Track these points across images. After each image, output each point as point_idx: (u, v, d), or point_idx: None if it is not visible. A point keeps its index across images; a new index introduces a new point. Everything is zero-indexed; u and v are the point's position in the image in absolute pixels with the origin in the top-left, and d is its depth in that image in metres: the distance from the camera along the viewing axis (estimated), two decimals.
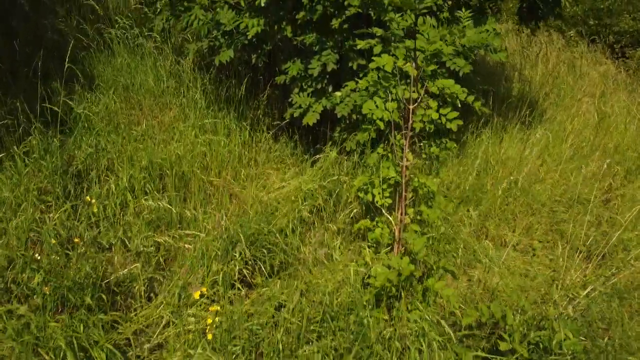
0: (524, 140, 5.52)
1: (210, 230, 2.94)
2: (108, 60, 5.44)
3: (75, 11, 6.13)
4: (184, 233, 2.84)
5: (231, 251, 2.74)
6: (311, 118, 3.99)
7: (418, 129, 2.50)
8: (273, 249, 2.98)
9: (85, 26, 5.82)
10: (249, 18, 3.89)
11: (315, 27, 3.85)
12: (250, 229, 2.92)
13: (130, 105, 4.90)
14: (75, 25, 6.07)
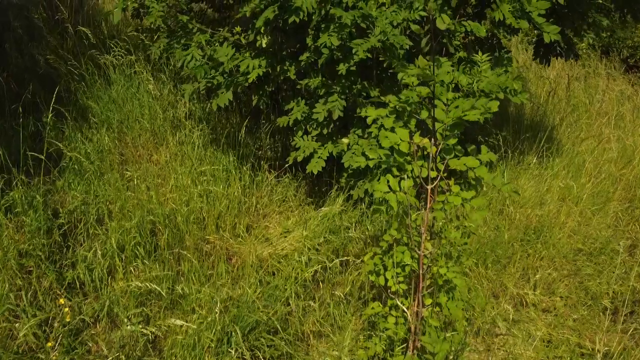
0: (541, 177, 5.22)
1: (203, 315, 2.66)
2: (103, 89, 5.17)
3: (70, 37, 5.87)
4: (172, 323, 2.55)
5: (226, 344, 2.47)
6: (316, 166, 3.71)
7: (440, 219, 2.21)
8: (272, 339, 2.69)
9: (79, 54, 5.57)
10: (250, 58, 3.61)
11: (321, 69, 3.57)
12: (247, 320, 2.64)
13: (124, 142, 4.63)
14: (70, 48, 5.82)
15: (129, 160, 4.46)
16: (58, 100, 5.11)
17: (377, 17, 3.05)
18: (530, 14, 3.15)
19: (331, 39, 3.08)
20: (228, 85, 3.67)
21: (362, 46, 2.98)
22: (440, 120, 2.18)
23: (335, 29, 3.10)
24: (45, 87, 5.35)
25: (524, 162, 5.65)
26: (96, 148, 4.35)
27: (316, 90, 3.58)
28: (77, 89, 5.05)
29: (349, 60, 3.22)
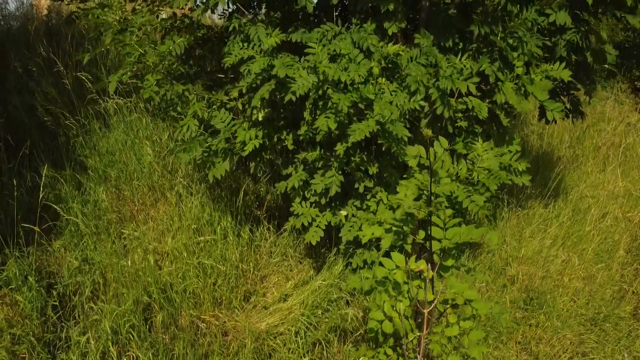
0: (545, 225, 5.14)
1: None
2: (101, 138, 5.13)
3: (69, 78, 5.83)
4: None
5: None
6: (314, 237, 3.65)
7: (436, 352, 2.14)
8: None
9: (78, 98, 5.53)
10: (246, 129, 3.55)
11: (319, 142, 3.51)
12: None
13: (122, 197, 4.59)
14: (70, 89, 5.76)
15: (126, 218, 4.41)
16: (56, 149, 5.12)
17: (374, 100, 2.99)
18: (533, 93, 3.08)
19: (328, 122, 3.01)
20: (225, 155, 3.61)
21: (358, 132, 2.91)
22: (437, 239, 2.11)
23: (332, 111, 3.04)
24: (43, 135, 5.33)
25: (528, 206, 5.57)
26: (93, 207, 4.31)
27: (314, 162, 3.52)
28: (76, 141, 4.99)
29: (347, 140, 3.15)
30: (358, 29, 3.40)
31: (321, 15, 3.69)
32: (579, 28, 3.30)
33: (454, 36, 3.28)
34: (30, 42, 6.82)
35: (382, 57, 3.08)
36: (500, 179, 2.96)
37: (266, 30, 3.49)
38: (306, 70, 3.20)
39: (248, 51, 3.30)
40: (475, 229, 2.07)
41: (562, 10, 3.22)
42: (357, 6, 3.47)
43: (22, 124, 5.46)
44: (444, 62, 3.24)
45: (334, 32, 3.41)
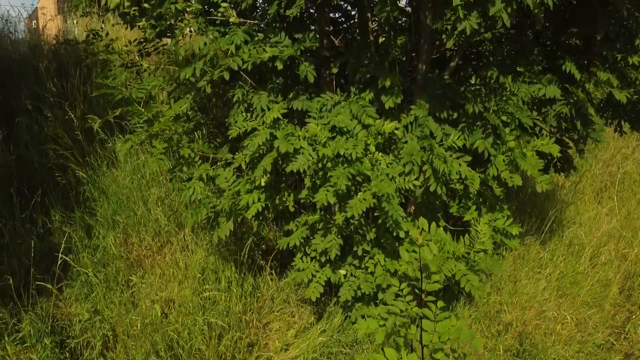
0: (540, 266, 5.28)
1: None
2: (110, 180, 5.30)
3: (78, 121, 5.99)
4: None
5: None
6: (314, 292, 3.80)
7: None
8: None
9: (87, 139, 5.70)
10: (249, 193, 3.70)
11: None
12: None
13: (130, 242, 4.76)
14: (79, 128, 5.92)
15: (134, 264, 4.58)
16: (66, 191, 5.28)
17: (371, 175, 3.14)
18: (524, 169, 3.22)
19: (327, 196, 3.17)
20: (229, 215, 3.76)
21: (356, 208, 3.06)
22: (429, 332, 2.26)
23: (331, 184, 3.19)
24: (53, 175, 5.50)
25: (525, 243, 5.71)
26: (102, 254, 4.48)
27: (315, 224, 3.68)
28: (84, 184, 5.15)
29: (346, 209, 3.30)
30: (357, 99, 3.56)
31: (321, 83, 3.83)
32: (567, 100, 3.43)
33: (449, 109, 3.42)
34: (40, 75, 6.99)
35: (378, 133, 3.22)
36: (495, 264, 3.12)
37: (268, 97, 3.66)
38: (307, 140, 3.36)
39: (251, 123, 3.45)
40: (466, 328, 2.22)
41: (552, 84, 3.36)
42: (356, 76, 3.62)
43: (32, 164, 5.63)
44: (438, 133, 3.40)
45: (333, 101, 3.57)
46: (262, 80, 3.83)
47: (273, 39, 3.55)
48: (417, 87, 3.77)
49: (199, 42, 3.60)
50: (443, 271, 2.91)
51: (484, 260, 3.03)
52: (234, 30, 3.65)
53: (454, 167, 3.04)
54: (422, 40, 3.60)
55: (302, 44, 3.48)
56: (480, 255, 3.05)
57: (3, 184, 5.28)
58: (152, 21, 3.93)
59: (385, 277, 3.46)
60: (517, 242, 3.47)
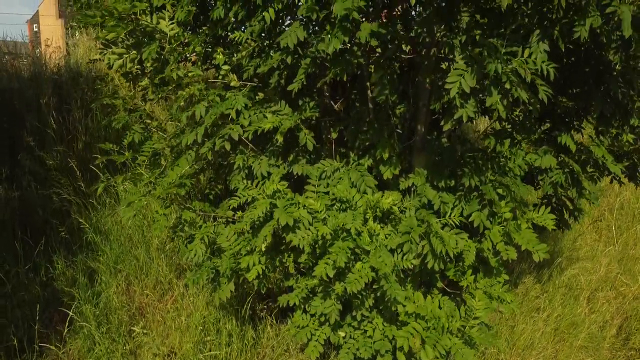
0: (538, 310, 5.33)
1: None
2: (112, 224, 5.35)
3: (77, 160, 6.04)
4: None
5: None
6: (314, 352, 3.85)
7: None
8: None
9: (90, 178, 5.76)
10: (249, 253, 3.75)
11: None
12: None
13: (132, 291, 4.82)
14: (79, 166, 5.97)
15: (136, 313, 4.64)
16: (70, 234, 5.33)
17: (369, 249, 3.19)
18: (518, 243, 3.27)
19: (326, 269, 3.22)
20: (230, 276, 3.82)
21: (355, 283, 3.11)
22: None
23: (330, 257, 3.24)
24: (56, 216, 5.55)
25: (522, 282, 5.76)
26: (104, 305, 4.53)
27: (315, 288, 3.73)
28: (87, 232, 5.19)
29: (344, 280, 3.36)
30: (356, 165, 3.61)
31: (321, 146, 3.88)
32: (563, 169, 3.48)
33: (446, 178, 3.47)
34: (41, 108, 7.02)
35: (376, 206, 3.27)
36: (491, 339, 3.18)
37: (269, 160, 3.71)
38: (306, 209, 3.42)
39: (252, 191, 3.50)
40: None
41: (547, 154, 3.41)
42: (356, 142, 3.67)
43: (34, 207, 5.69)
44: (436, 201, 3.45)
45: (333, 167, 3.63)
46: (263, 141, 3.87)
47: (273, 107, 3.60)
48: (415, 149, 3.83)
49: (200, 109, 3.66)
50: (438, 348, 2.97)
51: (479, 334, 3.08)
52: (235, 95, 3.70)
53: (451, 243, 3.10)
54: (420, 103, 3.65)
55: (301, 113, 3.54)
56: (475, 329, 3.10)
57: (6, 226, 5.34)
58: (155, 80, 3.99)
59: (383, 343, 3.52)
60: (515, 305, 3.52)
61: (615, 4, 2.52)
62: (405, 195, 3.66)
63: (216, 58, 3.83)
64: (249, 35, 3.37)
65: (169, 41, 3.94)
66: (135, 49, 3.99)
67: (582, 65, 3.20)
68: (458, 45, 2.67)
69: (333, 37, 2.67)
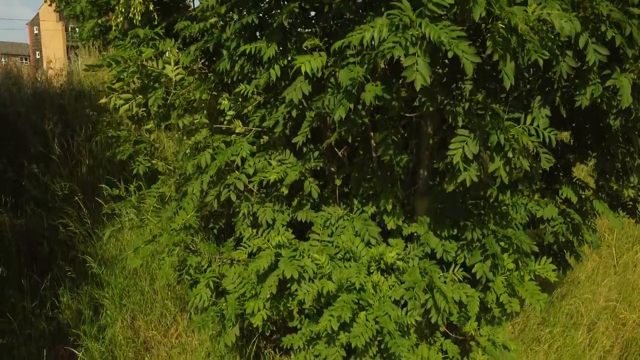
0: (539, 342, 5.37)
1: None
2: (117, 257, 5.40)
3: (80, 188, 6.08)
4: None
5: None
6: None
7: None
8: None
9: (94, 208, 5.80)
10: (254, 296, 3.80)
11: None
12: None
13: (137, 326, 4.86)
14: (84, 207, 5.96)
15: (140, 349, 4.69)
16: (74, 266, 5.38)
17: (373, 302, 3.24)
18: (521, 295, 3.32)
19: (331, 322, 3.26)
20: (235, 320, 3.86)
21: (360, 338, 3.16)
22: None
23: (334, 309, 3.28)
24: (60, 246, 5.59)
25: (523, 309, 5.80)
26: (109, 342, 4.58)
27: (319, 332, 3.77)
28: (92, 265, 5.23)
29: (349, 329, 3.40)
30: (360, 213, 3.65)
31: (325, 193, 3.92)
32: (565, 218, 3.53)
33: (449, 228, 3.51)
34: (45, 133, 7.06)
35: (380, 259, 3.32)
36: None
37: (273, 205, 3.76)
38: (310, 258, 3.47)
39: (257, 241, 3.55)
40: None
41: (549, 205, 3.46)
42: (359, 190, 3.71)
43: (40, 233, 5.73)
44: (439, 249, 3.50)
45: (337, 215, 3.67)
46: (268, 186, 3.92)
47: (278, 156, 3.64)
48: (418, 193, 3.87)
49: (205, 157, 3.70)
50: None
51: None
52: (240, 141, 3.75)
53: (455, 297, 3.14)
54: (423, 148, 3.69)
55: (306, 163, 3.58)
56: None
57: (12, 258, 5.39)
58: (162, 127, 4.04)
59: None
60: (516, 354, 3.57)
61: (615, 76, 2.56)
62: (408, 242, 3.70)
63: (221, 103, 3.88)
64: (254, 88, 3.41)
65: (175, 86, 3.98)
66: (141, 93, 4.03)
67: (582, 123, 3.25)
68: (461, 112, 2.72)
69: (338, 103, 2.71)
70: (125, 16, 3.92)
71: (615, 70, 2.61)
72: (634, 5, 2.48)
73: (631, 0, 2.45)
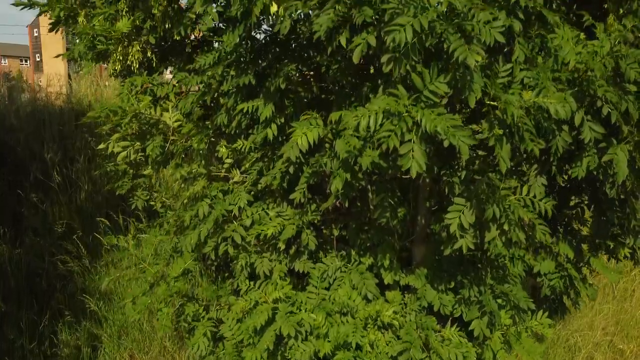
0: None
1: None
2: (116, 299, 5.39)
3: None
4: None
5: None
6: None
7: None
8: None
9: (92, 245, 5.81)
10: (251, 345, 3.81)
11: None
12: None
13: None
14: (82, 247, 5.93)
15: None
16: (72, 301, 5.39)
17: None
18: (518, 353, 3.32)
19: None
20: None
21: None
22: None
23: None
24: (59, 279, 5.60)
25: None
26: None
27: None
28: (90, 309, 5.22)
29: None
30: (357, 265, 3.66)
31: (322, 242, 3.92)
32: (561, 272, 3.53)
33: (446, 281, 3.52)
34: (44, 161, 7.07)
35: (376, 317, 3.32)
36: None
37: (270, 255, 3.77)
38: (308, 313, 3.47)
39: (255, 295, 3.56)
40: None
41: (546, 260, 3.46)
42: (357, 240, 3.72)
43: (39, 266, 5.74)
44: (436, 302, 3.50)
45: (334, 267, 3.68)
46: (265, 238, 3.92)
47: (277, 207, 3.65)
48: (416, 240, 3.87)
49: (203, 207, 3.71)
50: None
51: None
52: (238, 190, 3.75)
53: (451, 357, 3.15)
54: (420, 199, 3.70)
55: (303, 216, 3.58)
56: None
57: (12, 292, 5.40)
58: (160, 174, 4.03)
59: None
60: None
61: (611, 151, 2.57)
62: (406, 292, 3.71)
63: (219, 151, 3.88)
64: (251, 144, 3.42)
65: (172, 132, 3.99)
66: (139, 140, 4.03)
67: (578, 185, 3.26)
68: (458, 182, 2.72)
69: (335, 173, 2.72)
70: (122, 64, 3.92)
71: (612, 143, 2.61)
72: (629, 82, 2.48)
73: (627, 77, 2.45)
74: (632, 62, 2.43)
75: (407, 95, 2.21)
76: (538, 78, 2.31)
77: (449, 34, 2.03)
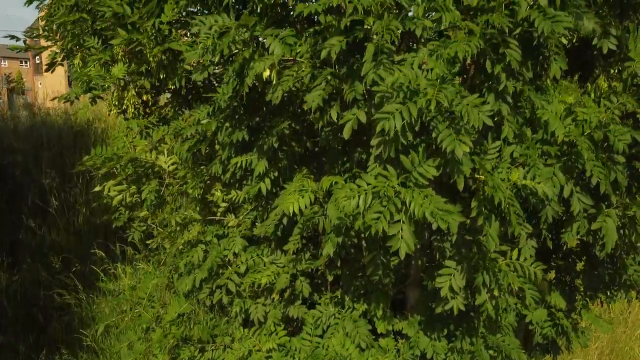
0: None
1: None
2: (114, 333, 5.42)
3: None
4: None
5: None
6: None
7: None
8: None
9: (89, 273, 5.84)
10: None
11: None
12: None
13: None
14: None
15: None
16: (71, 329, 5.41)
17: None
18: None
19: None
20: None
21: None
22: None
23: None
24: (56, 309, 5.63)
25: None
26: None
27: None
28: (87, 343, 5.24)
29: None
30: (351, 312, 3.69)
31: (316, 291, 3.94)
32: (553, 321, 3.56)
33: (440, 330, 3.55)
34: (42, 186, 7.09)
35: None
36: None
37: (265, 300, 3.80)
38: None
39: (249, 343, 3.59)
40: None
41: (539, 309, 3.49)
42: (351, 288, 3.74)
43: (37, 296, 5.77)
44: (429, 350, 3.53)
45: (328, 313, 3.70)
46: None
47: (271, 256, 3.68)
48: (411, 285, 3.90)
49: (198, 253, 3.74)
50: None
51: None
52: (233, 235, 3.78)
53: None
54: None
55: (297, 264, 3.61)
56: None
57: (10, 322, 5.43)
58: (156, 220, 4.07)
59: None
60: None
61: (600, 219, 2.59)
62: (399, 337, 3.74)
63: (214, 194, 3.91)
64: (245, 195, 3.44)
65: (168, 175, 4.02)
66: (134, 183, 4.06)
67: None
68: (448, 247, 2.75)
69: (327, 238, 2.75)
70: (118, 109, 3.95)
71: (602, 209, 2.64)
72: (617, 153, 2.50)
73: (615, 148, 2.47)
74: (620, 135, 2.45)
75: (396, 174, 2.23)
76: (527, 155, 2.33)
77: (437, 122, 2.05)
